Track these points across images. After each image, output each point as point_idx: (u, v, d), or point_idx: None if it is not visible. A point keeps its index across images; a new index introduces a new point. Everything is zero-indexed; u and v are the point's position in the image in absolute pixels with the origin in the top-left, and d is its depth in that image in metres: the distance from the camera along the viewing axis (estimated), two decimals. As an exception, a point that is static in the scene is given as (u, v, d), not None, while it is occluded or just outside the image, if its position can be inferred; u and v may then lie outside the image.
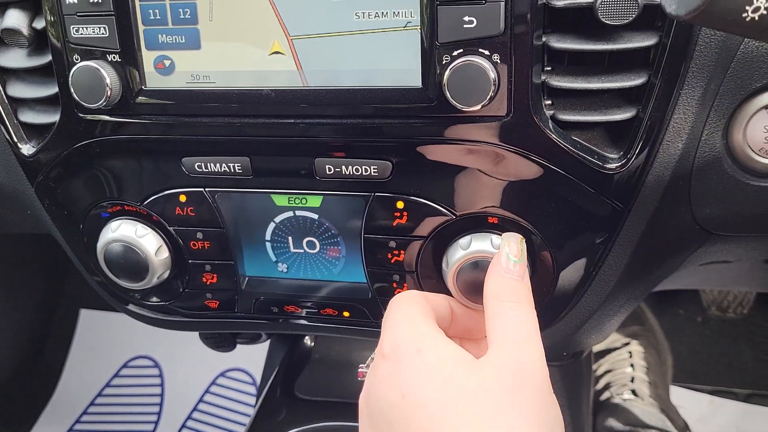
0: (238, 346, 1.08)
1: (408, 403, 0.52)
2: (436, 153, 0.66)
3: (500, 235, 0.68)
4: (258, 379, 1.88)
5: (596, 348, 1.50)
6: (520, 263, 0.61)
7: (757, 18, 0.45)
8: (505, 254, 0.61)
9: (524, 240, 0.64)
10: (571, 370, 1.03)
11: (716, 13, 0.45)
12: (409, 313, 0.59)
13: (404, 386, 0.53)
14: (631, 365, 1.47)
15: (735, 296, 1.69)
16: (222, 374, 2.03)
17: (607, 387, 1.44)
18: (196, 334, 1.03)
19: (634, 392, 1.40)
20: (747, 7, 0.44)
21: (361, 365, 0.65)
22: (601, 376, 1.47)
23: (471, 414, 0.51)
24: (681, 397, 1.70)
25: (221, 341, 1.05)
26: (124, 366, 2.07)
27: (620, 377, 1.44)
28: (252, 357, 1.99)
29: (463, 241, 0.69)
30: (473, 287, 0.68)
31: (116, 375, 2.06)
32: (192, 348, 1.97)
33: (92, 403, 2.00)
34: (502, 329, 0.57)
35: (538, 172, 0.65)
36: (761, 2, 0.44)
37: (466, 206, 0.68)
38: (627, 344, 1.51)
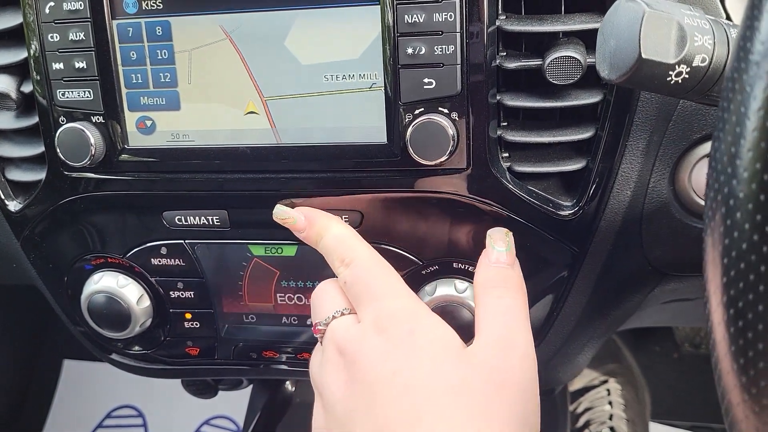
0: (221, 393, 1.09)
1: (396, 384, 0.53)
2: (402, 204, 0.70)
3: (464, 279, 0.72)
4: (242, 426, 1.87)
5: (574, 386, 1.52)
6: (508, 251, 0.62)
7: (680, 81, 0.50)
8: (490, 246, 0.62)
9: (510, 233, 0.64)
10: (545, 408, 1.05)
11: (643, 78, 0.49)
12: (392, 284, 0.59)
13: (396, 365, 0.54)
14: (610, 403, 1.48)
15: (706, 332, 1.73)
16: (206, 422, 2.02)
17: (586, 425, 1.46)
18: (179, 382, 1.04)
19: (612, 430, 1.42)
20: (670, 72, 0.49)
21: (317, 321, 0.62)
22: (581, 414, 1.48)
23: (452, 410, 0.51)
24: (660, 433, 1.72)
25: (203, 388, 1.07)
26: (108, 416, 2.06)
27: (599, 415, 1.46)
28: (236, 404, 1.98)
29: (429, 288, 0.72)
30: None
31: (100, 425, 2.04)
32: (176, 396, 1.96)
33: (75, 455, 1.99)
34: (487, 318, 0.57)
35: (498, 220, 0.68)
36: (683, 67, 0.49)
37: (432, 253, 0.72)
38: (605, 382, 1.53)
